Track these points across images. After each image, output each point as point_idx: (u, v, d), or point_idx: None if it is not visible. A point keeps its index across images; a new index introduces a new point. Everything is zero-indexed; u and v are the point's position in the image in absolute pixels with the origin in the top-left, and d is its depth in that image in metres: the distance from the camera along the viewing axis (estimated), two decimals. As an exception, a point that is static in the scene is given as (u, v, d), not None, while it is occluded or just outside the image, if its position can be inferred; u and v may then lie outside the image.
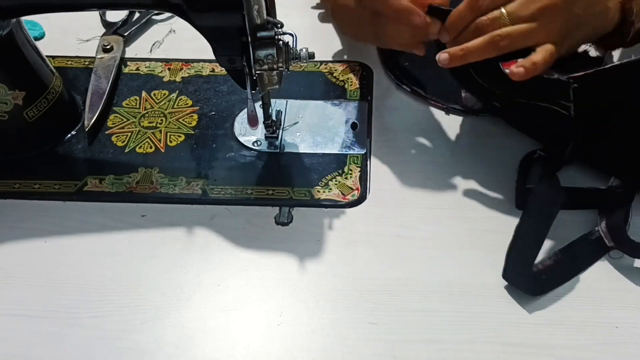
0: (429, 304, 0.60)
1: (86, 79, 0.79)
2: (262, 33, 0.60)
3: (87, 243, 0.65)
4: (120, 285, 0.62)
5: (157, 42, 0.85)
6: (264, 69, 0.61)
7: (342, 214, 0.67)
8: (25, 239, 0.66)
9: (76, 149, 0.73)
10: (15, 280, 0.63)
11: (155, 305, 0.61)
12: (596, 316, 0.59)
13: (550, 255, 0.62)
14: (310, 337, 0.58)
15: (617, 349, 0.57)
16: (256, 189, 0.69)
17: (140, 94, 0.78)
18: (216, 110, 0.76)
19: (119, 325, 0.59)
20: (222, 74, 0.79)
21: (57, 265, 0.64)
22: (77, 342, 0.58)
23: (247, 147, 0.72)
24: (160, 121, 0.75)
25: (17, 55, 0.68)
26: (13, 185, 0.70)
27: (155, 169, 0.71)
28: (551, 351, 0.57)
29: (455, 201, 0.67)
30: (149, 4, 0.65)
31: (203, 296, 0.61)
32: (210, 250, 0.64)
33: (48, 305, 0.61)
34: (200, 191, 0.69)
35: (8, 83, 0.67)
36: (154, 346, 0.58)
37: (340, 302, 0.60)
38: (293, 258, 0.63)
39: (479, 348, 0.57)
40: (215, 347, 0.58)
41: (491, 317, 0.59)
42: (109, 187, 0.69)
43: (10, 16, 0.65)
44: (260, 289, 0.62)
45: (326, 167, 0.70)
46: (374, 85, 0.78)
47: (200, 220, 0.67)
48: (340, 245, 0.64)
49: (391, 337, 0.58)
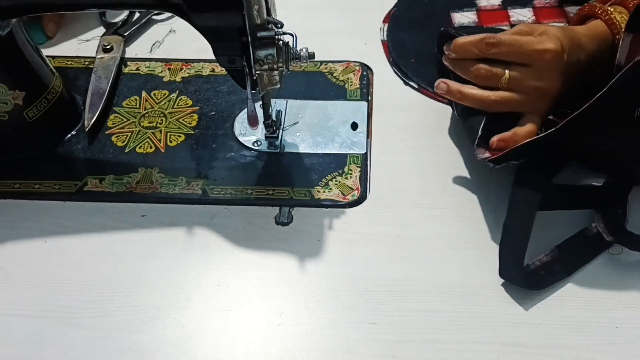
0: (429, 304, 0.60)
1: (86, 79, 0.79)
2: (262, 33, 0.60)
3: (87, 243, 0.65)
4: (120, 285, 0.62)
5: (157, 42, 0.85)
6: (264, 69, 0.61)
7: (342, 214, 0.67)
8: (25, 239, 0.66)
9: (76, 149, 0.73)
10: (15, 280, 0.63)
11: (155, 305, 0.61)
12: (596, 316, 0.59)
13: (547, 252, 0.62)
14: (310, 337, 0.58)
15: (617, 349, 0.57)
16: (256, 189, 0.69)
17: (141, 94, 0.78)
18: (216, 110, 0.76)
19: (119, 325, 0.59)
20: (222, 74, 0.79)
21: (57, 265, 0.64)
22: (77, 342, 0.58)
23: (247, 147, 0.72)
24: (161, 121, 0.75)
25: (17, 55, 0.68)
26: (13, 185, 0.70)
27: (155, 169, 0.71)
28: (551, 351, 0.57)
29: (455, 201, 0.67)
30: (149, 4, 0.65)
31: (203, 296, 0.61)
32: (210, 250, 0.64)
33: (48, 305, 0.61)
34: (201, 191, 0.69)
35: (8, 83, 0.67)
36: (154, 346, 0.58)
37: (340, 302, 0.60)
38: (293, 258, 0.63)
39: (479, 348, 0.57)
40: (215, 347, 0.58)
41: (491, 317, 0.59)
42: (109, 187, 0.69)
43: (10, 16, 0.65)
44: (260, 289, 0.62)
45: (326, 167, 0.70)
46: (374, 85, 0.78)
47: (200, 220, 0.67)
48: (340, 245, 0.64)
49: (391, 337, 0.58)
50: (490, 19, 0.85)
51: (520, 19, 0.85)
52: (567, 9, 0.86)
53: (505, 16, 0.86)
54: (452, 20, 0.85)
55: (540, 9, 0.86)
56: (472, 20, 0.85)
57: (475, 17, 0.85)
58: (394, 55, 0.81)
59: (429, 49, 0.81)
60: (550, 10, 0.86)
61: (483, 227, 0.65)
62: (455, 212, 0.66)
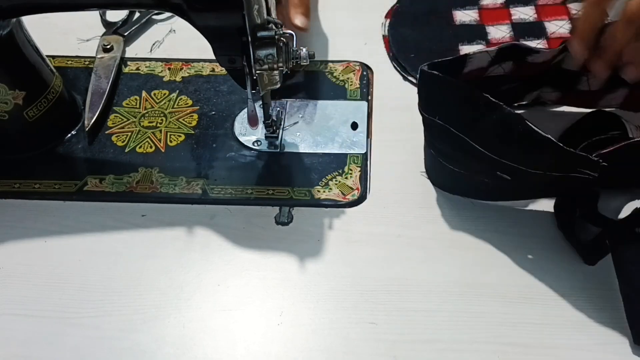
0: (429, 304, 0.60)
1: (86, 78, 0.79)
2: (262, 33, 0.60)
3: (87, 243, 0.65)
4: (120, 285, 0.62)
5: (157, 41, 0.85)
6: (264, 69, 0.61)
7: (342, 214, 0.67)
8: (25, 238, 0.66)
9: (76, 149, 0.73)
10: (15, 280, 0.63)
11: (155, 305, 0.61)
12: (596, 316, 0.59)
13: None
14: (310, 337, 0.58)
15: (617, 349, 0.56)
16: (256, 188, 0.69)
17: (141, 94, 0.78)
18: (216, 110, 0.76)
19: (119, 325, 0.59)
20: (222, 73, 0.79)
21: (57, 265, 0.64)
22: (77, 342, 0.58)
23: (247, 146, 0.72)
24: (161, 121, 0.75)
25: (17, 55, 0.68)
26: (13, 185, 0.70)
27: (156, 168, 0.71)
28: (551, 351, 0.57)
29: (455, 201, 0.67)
30: (149, 3, 0.65)
31: (203, 296, 0.61)
32: (210, 250, 0.64)
33: (48, 305, 0.61)
34: (201, 191, 0.69)
35: (8, 83, 0.67)
36: (154, 346, 0.58)
37: (340, 302, 0.60)
38: (293, 258, 0.63)
39: (479, 348, 0.57)
40: (216, 347, 0.58)
41: (491, 317, 0.59)
42: (109, 187, 0.69)
43: (10, 16, 0.65)
44: (261, 288, 0.62)
45: (326, 167, 0.70)
46: (374, 85, 0.78)
47: (200, 220, 0.67)
48: (340, 245, 0.64)
49: (391, 337, 0.58)
50: (492, 17, 0.85)
51: (522, 17, 0.85)
52: (570, 5, 0.85)
53: (507, 14, 0.86)
54: (454, 17, 0.85)
55: (543, 7, 0.86)
56: (474, 18, 0.85)
57: (477, 16, 0.85)
58: (394, 50, 0.81)
59: (430, 45, 0.82)
60: (552, 7, 0.86)
61: (483, 227, 0.65)
62: (455, 212, 0.66)
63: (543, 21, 0.84)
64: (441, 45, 0.82)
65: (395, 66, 0.80)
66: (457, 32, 0.83)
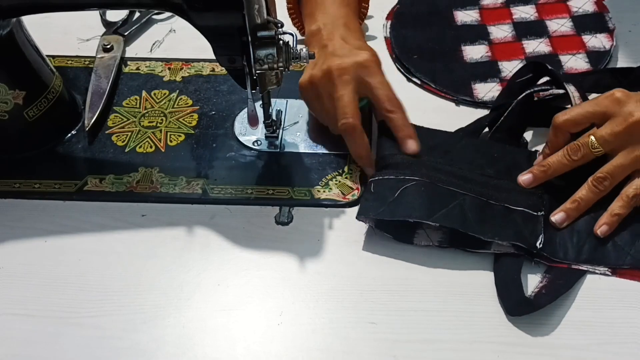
0: (429, 304, 0.60)
1: (86, 78, 0.79)
2: (262, 33, 0.60)
3: (87, 243, 0.65)
4: (120, 285, 0.62)
5: (157, 41, 0.85)
6: (264, 69, 0.61)
7: (342, 214, 0.67)
8: (25, 238, 0.66)
9: (76, 149, 0.73)
10: (15, 280, 0.63)
11: (155, 305, 0.61)
12: (596, 316, 0.59)
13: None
14: (310, 337, 0.58)
15: (617, 349, 0.56)
16: (256, 188, 0.69)
17: (141, 94, 0.78)
18: (216, 109, 0.76)
19: (119, 325, 0.59)
20: (222, 73, 0.79)
21: (57, 265, 0.64)
22: (77, 342, 0.58)
23: (248, 146, 0.72)
24: (161, 121, 0.75)
25: (17, 55, 0.68)
26: (13, 184, 0.70)
27: (156, 168, 0.71)
28: (551, 351, 0.57)
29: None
30: (149, 3, 0.65)
31: (203, 296, 0.61)
32: (210, 249, 0.64)
33: (48, 305, 0.61)
34: (201, 191, 0.69)
35: (8, 83, 0.67)
36: (154, 346, 0.58)
37: (340, 301, 0.60)
38: (293, 258, 0.63)
39: (479, 348, 0.57)
40: (215, 347, 0.58)
41: (491, 317, 0.59)
42: (109, 187, 0.69)
43: (10, 16, 0.65)
44: (261, 288, 0.62)
45: (326, 167, 0.70)
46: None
47: (200, 219, 0.67)
48: (340, 245, 0.64)
49: (391, 337, 0.58)
50: (493, 17, 0.85)
51: (523, 16, 0.85)
52: (570, 4, 0.85)
53: (508, 14, 0.85)
54: (455, 18, 0.85)
55: (543, 5, 0.86)
56: (475, 18, 0.85)
57: (478, 16, 0.85)
58: (397, 52, 0.81)
59: (432, 46, 0.82)
60: (552, 5, 0.86)
61: (483, 227, 0.65)
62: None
63: (544, 20, 0.84)
64: (444, 46, 0.82)
65: (398, 68, 0.80)
66: (458, 33, 0.83)
